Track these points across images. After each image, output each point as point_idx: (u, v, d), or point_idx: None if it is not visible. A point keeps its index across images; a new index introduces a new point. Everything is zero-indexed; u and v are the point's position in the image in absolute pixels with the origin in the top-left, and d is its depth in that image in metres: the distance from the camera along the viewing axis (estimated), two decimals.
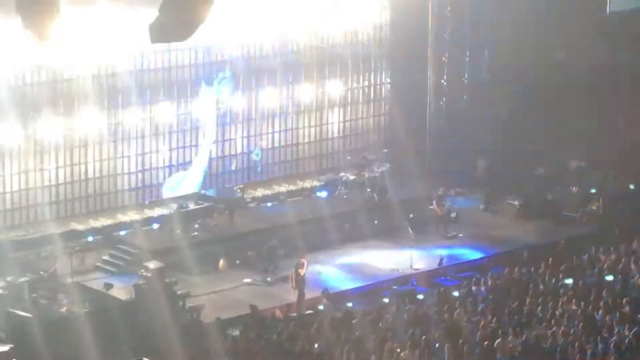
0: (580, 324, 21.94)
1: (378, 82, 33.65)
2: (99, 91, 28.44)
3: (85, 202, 28.70)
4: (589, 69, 32.51)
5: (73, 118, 28.16)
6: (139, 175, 29.54)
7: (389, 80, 33.60)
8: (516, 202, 31.84)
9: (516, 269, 25.85)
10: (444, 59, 33.70)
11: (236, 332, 22.43)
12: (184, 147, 30.25)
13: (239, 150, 31.37)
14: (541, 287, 24.40)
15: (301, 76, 31.98)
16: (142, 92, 29.19)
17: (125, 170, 29.24)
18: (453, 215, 30.73)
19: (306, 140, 32.52)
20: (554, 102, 32.53)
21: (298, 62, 31.88)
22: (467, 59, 33.87)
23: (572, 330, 21.61)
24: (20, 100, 27.27)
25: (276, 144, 31.93)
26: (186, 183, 30.34)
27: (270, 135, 31.80)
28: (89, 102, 28.21)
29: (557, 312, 22.70)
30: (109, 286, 25.04)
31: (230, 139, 31.13)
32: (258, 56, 31.13)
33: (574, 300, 23.23)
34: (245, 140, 31.46)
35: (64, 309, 23.84)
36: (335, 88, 32.65)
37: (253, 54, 31.03)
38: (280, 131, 31.97)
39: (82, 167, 28.53)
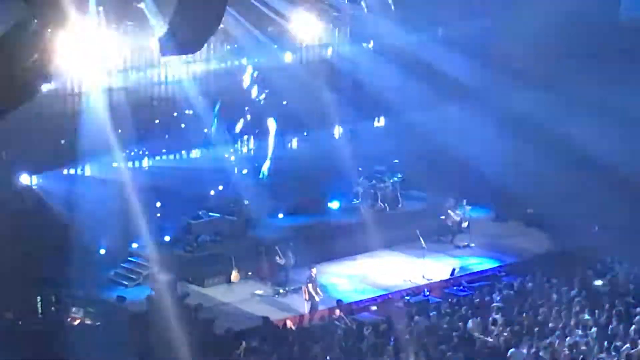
0: (594, 334, 21.87)
1: None
2: None
3: None
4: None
5: None
6: None
7: None
8: (530, 210, 31.81)
9: (528, 278, 25.84)
10: None
11: (248, 344, 22.39)
12: None
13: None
14: (554, 296, 24.34)
15: None
16: None
17: None
18: (465, 225, 30.73)
19: None
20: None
21: None
22: None
23: (585, 340, 21.53)
24: None
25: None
26: None
27: None
28: None
29: (570, 322, 22.63)
30: (121, 299, 25.06)
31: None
32: None
33: (586, 310, 23.17)
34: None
35: (76, 322, 23.85)
36: None
37: None
38: None
39: None
